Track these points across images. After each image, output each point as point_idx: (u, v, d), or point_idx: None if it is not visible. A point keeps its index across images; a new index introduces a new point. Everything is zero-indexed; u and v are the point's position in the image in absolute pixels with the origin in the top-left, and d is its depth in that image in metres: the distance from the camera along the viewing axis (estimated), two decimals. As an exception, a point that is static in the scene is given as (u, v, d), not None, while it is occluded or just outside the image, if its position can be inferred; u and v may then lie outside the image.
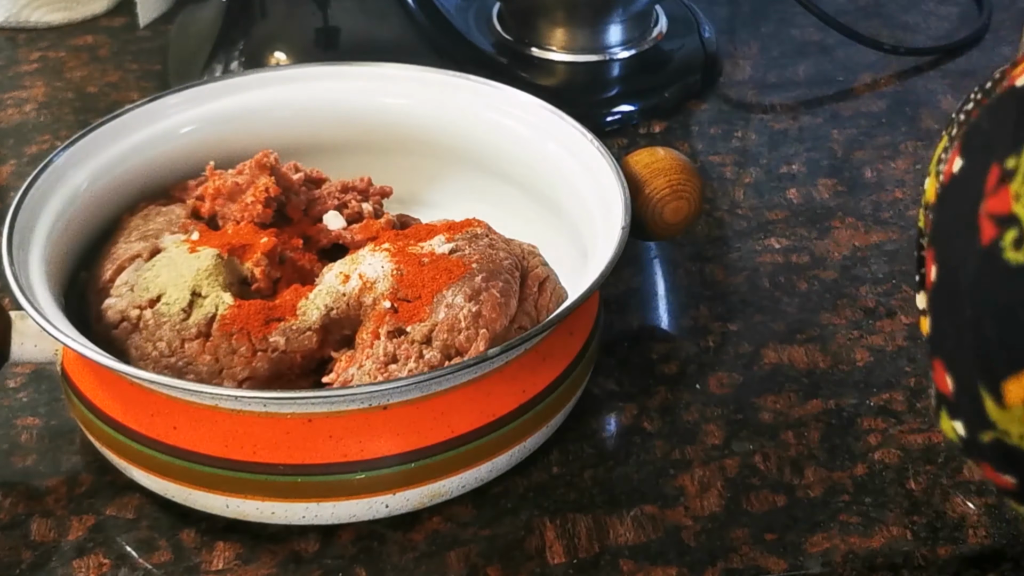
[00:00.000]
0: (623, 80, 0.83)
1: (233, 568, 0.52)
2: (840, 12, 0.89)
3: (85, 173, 0.60)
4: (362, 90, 0.67)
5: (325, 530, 0.53)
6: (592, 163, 0.60)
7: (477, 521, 0.54)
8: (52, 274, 0.56)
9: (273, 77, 0.67)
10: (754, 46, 0.90)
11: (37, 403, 0.60)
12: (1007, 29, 0.91)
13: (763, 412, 0.59)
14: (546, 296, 0.55)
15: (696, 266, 0.68)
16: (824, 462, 0.56)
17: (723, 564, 0.51)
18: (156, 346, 0.54)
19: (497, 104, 0.65)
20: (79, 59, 0.88)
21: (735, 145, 0.79)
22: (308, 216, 0.62)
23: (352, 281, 0.55)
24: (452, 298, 0.52)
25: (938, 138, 0.41)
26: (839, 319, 0.64)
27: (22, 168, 0.77)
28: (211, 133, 0.65)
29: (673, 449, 0.57)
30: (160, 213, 0.61)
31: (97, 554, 0.52)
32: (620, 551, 0.52)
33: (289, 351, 0.54)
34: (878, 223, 0.71)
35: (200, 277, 0.55)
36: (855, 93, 0.84)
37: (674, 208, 0.60)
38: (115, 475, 0.55)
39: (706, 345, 0.63)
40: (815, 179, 0.75)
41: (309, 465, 0.50)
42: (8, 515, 0.54)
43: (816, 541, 0.52)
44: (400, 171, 0.66)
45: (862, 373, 0.61)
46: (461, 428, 0.52)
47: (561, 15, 0.83)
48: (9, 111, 0.82)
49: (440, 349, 0.52)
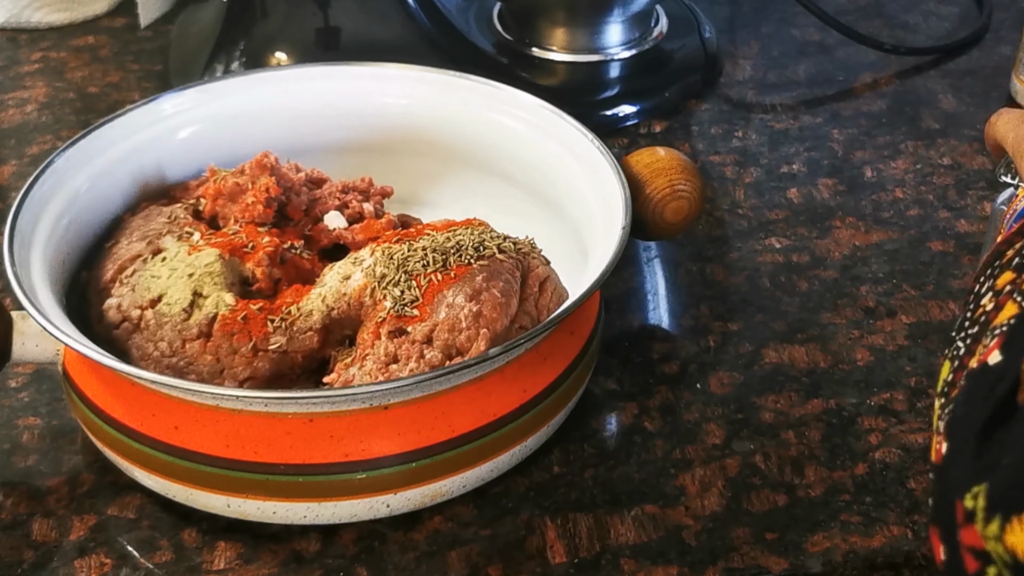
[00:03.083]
0: (623, 80, 0.83)
1: (234, 568, 0.52)
2: (840, 12, 0.89)
3: (86, 173, 0.60)
4: (362, 90, 0.67)
5: (326, 530, 0.53)
6: (593, 163, 0.60)
7: (478, 521, 0.54)
8: (53, 274, 0.56)
9: (274, 77, 0.67)
10: (754, 46, 0.90)
11: (38, 403, 0.60)
12: (1007, 29, 0.91)
13: (764, 412, 0.59)
14: (547, 296, 0.55)
15: (696, 266, 0.68)
16: (825, 462, 0.56)
17: (724, 563, 0.51)
18: (157, 346, 0.54)
19: (498, 104, 0.65)
20: (80, 59, 0.88)
21: (735, 145, 0.79)
22: (309, 216, 0.62)
23: (353, 281, 0.55)
24: (453, 298, 0.52)
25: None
26: (839, 319, 0.64)
27: (23, 168, 0.77)
28: (212, 133, 0.65)
29: (674, 449, 0.57)
30: (161, 213, 0.61)
31: (98, 554, 0.52)
32: (621, 550, 0.52)
33: (290, 351, 0.54)
34: (878, 222, 0.72)
35: (201, 277, 0.55)
36: (855, 93, 0.84)
37: (674, 208, 0.60)
38: (116, 475, 0.55)
39: (707, 345, 0.63)
40: (815, 179, 0.75)
41: (310, 465, 0.50)
42: (10, 515, 0.54)
43: (817, 540, 0.52)
44: (401, 171, 0.66)
45: (862, 372, 0.61)
46: (462, 428, 0.52)
47: (561, 15, 0.83)
48: (10, 111, 0.83)
49: (441, 349, 0.52)
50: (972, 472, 0.34)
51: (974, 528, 0.34)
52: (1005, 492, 0.33)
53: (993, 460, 0.34)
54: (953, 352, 0.40)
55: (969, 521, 0.34)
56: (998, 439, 0.34)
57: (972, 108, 0.82)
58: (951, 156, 0.77)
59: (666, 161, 0.61)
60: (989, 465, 0.34)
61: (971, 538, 0.34)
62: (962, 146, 0.78)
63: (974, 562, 0.34)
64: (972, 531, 0.34)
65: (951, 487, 0.35)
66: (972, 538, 0.34)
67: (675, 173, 0.60)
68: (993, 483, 0.33)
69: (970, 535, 0.34)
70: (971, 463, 0.35)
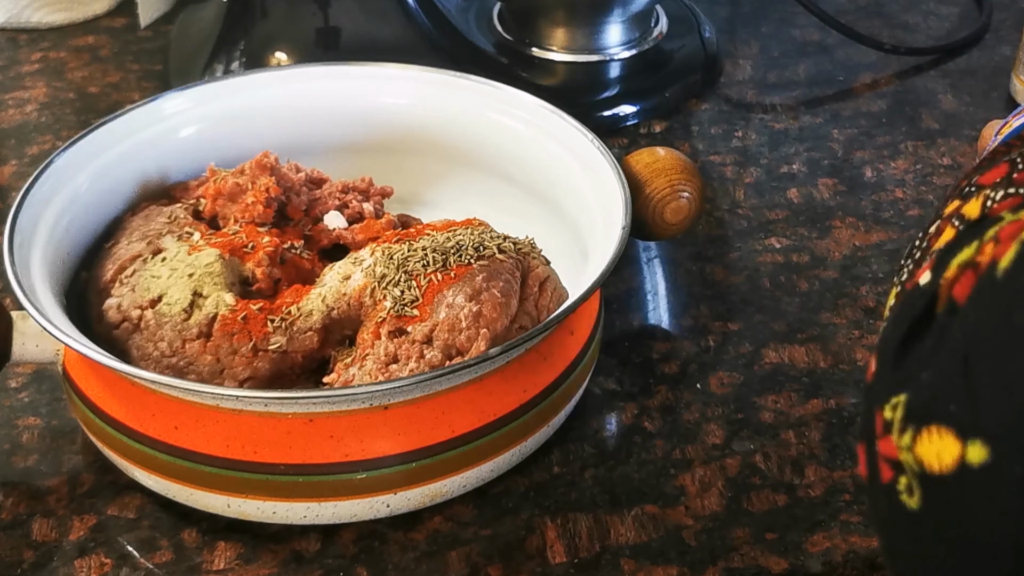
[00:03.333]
0: (623, 80, 0.83)
1: (234, 568, 0.52)
2: (840, 12, 0.89)
3: (86, 174, 0.60)
4: (362, 90, 0.67)
5: (326, 530, 0.53)
6: (593, 163, 0.60)
7: (478, 521, 0.54)
8: (53, 274, 0.56)
9: (274, 77, 0.67)
10: (754, 46, 0.90)
11: (38, 403, 0.60)
12: (1007, 29, 0.91)
13: (764, 412, 0.59)
14: (547, 296, 0.55)
15: (696, 266, 0.68)
16: (825, 461, 0.56)
17: (724, 563, 0.51)
18: (157, 346, 0.54)
19: (498, 104, 0.65)
20: (80, 59, 0.88)
21: (735, 145, 0.79)
22: (309, 216, 0.62)
23: (353, 281, 0.55)
24: (453, 298, 0.52)
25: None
26: (839, 319, 0.65)
27: (23, 168, 0.77)
28: (212, 133, 0.65)
29: (674, 449, 0.57)
30: (161, 213, 0.61)
31: (98, 554, 0.52)
32: (621, 550, 0.52)
33: (290, 351, 0.54)
34: (878, 223, 0.72)
35: (201, 277, 0.55)
36: (855, 93, 0.84)
37: (674, 208, 0.60)
38: (116, 475, 0.55)
39: (707, 345, 0.63)
40: (815, 179, 0.75)
41: (310, 465, 0.50)
42: (10, 515, 0.54)
43: (817, 541, 0.52)
44: (400, 171, 0.66)
45: (862, 373, 0.61)
46: (462, 428, 0.52)
47: (561, 15, 0.83)
48: (10, 111, 0.83)
49: (441, 349, 0.52)
50: (892, 383, 0.35)
51: (890, 438, 0.34)
52: (921, 403, 0.34)
53: (912, 372, 0.34)
54: (898, 278, 0.41)
55: (887, 432, 0.34)
56: (916, 351, 0.35)
57: (972, 108, 0.82)
58: (951, 156, 0.77)
59: (666, 161, 0.61)
60: (907, 376, 0.34)
61: (887, 448, 0.34)
62: (962, 146, 0.78)
63: (888, 471, 0.35)
64: (888, 441, 0.34)
65: (872, 399, 0.36)
66: (888, 448, 0.34)
67: (675, 173, 0.60)
68: (911, 394, 0.34)
69: (886, 445, 0.34)
70: (890, 375, 0.35)
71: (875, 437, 0.35)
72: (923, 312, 0.35)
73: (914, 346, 0.35)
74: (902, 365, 0.35)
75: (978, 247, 0.35)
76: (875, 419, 0.35)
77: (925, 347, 0.34)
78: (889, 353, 0.36)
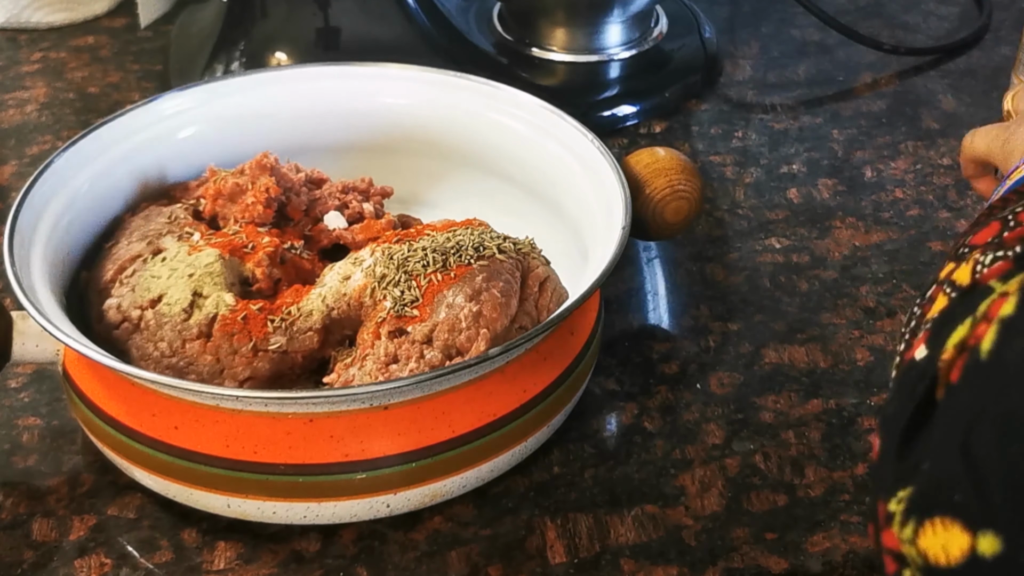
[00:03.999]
0: (623, 80, 0.83)
1: (234, 568, 0.52)
2: (840, 12, 0.89)
3: (86, 174, 0.60)
4: (362, 90, 0.67)
5: (326, 530, 0.53)
6: (593, 163, 0.60)
7: (478, 521, 0.54)
8: (53, 274, 0.56)
9: (274, 77, 0.67)
10: (754, 46, 0.90)
11: (38, 403, 0.60)
12: (1007, 29, 0.91)
13: (764, 412, 0.59)
14: (547, 296, 0.55)
15: (696, 266, 0.68)
16: (825, 462, 0.56)
17: (724, 563, 0.51)
18: (157, 346, 0.54)
19: (498, 104, 0.65)
20: (80, 60, 0.88)
21: (735, 145, 0.79)
22: (309, 216, 0.62)
23: (353, 281, 0.55)
24: (453, 298, 0.52)
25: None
26: (839, 319, 0.64)
27: (23, 168, 0.77)
28: (212, 134, 0.65)
29: (674, 449, 0.57)
30: (161, 213, 0.61)
31: (98, 554, 0.52)
32: (621, 550, 0.52)
33: (290, 351, 0.54)
34: (878, 223, 0.72)
35: (201, 277, 0.55)
36: (855, 93, 0.84)
37: (674, 208, 0.60)
38: (116, 475, 0.55)
39: (706, 345, 0.63)
40: (815, 179, 0.75)
41: (310, 465, 0.50)
42: (10, 515, 0.54)
43: (817, 541, 0.52)
44: (400, 171, 0.66)
45: (862, 373, 0.61)
46: (462, 428, 0.52)
47: (561, 15, 0.83)
48: (10, 111, 0.83)
49: (441, 349, 0.52)
50: (897, 475, 0.34)
51: (891, 531, 0.34)
52: (922, 495, 0.33)
53: (915, 463, 0.34)
54: (899, 348, 0.40)
55: (888, 524, 0.34)
56: (920, 440, 0.34)
57: (972, 108, 0.82)
58: (951, 156, 0.77)
59: (666, 161, 0.61)
60: (911, 468, 0.34)
61: (890, 540, 0.34)
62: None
63: (892, 564, 0.34)
64: (891, 534, 0.34)
65: (878, 488, 0.35)
66: (890, 540, 0.34)
67: (675, 173, 0.60)
68: (915, 487, 0.33)
69: (889, 538, 0.34)
70: (895, 465, 0.35)
71: (879, 528, 0.34)
72: (924, 397, 0.35)
73: (918, 435, 0.34)
74: (906, 456, 0.34)
75: (972, 326, 0.34)
76: (879, 510, 0.34)
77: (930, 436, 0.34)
78: (894, 438, 0.35)
